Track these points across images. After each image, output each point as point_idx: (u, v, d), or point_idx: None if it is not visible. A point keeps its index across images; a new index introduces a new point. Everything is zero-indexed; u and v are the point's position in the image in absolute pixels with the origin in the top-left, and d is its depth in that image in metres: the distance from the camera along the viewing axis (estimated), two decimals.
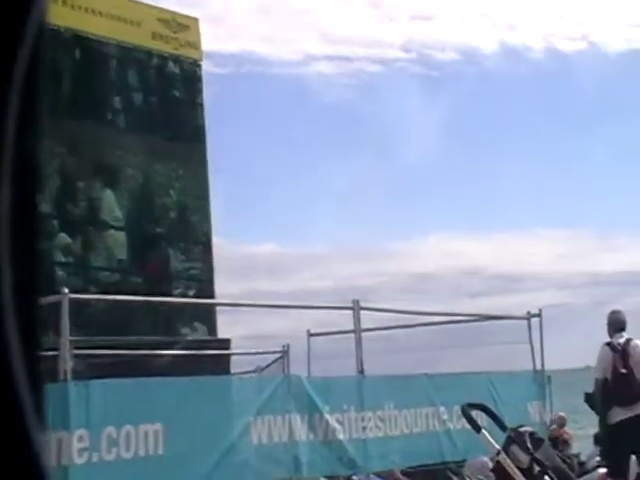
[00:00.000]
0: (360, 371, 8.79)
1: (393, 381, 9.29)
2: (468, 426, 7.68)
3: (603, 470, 10.57)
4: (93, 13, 11.59)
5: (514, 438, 7.42)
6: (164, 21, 12.60)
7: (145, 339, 10.72)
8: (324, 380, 8.85)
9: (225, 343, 12.39)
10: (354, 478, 9.45)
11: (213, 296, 12.78)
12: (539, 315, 10.64)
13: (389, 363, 11.13)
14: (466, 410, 7.62)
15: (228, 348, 12.36)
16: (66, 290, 6.96)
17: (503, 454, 7.25)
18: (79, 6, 11.20)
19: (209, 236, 13.28)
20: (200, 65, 13.31)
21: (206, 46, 13.60)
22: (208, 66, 14.55)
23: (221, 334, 12.69)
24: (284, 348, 11.73)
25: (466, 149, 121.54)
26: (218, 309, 12.88)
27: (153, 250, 12.57)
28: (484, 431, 7.46)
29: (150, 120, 12.56)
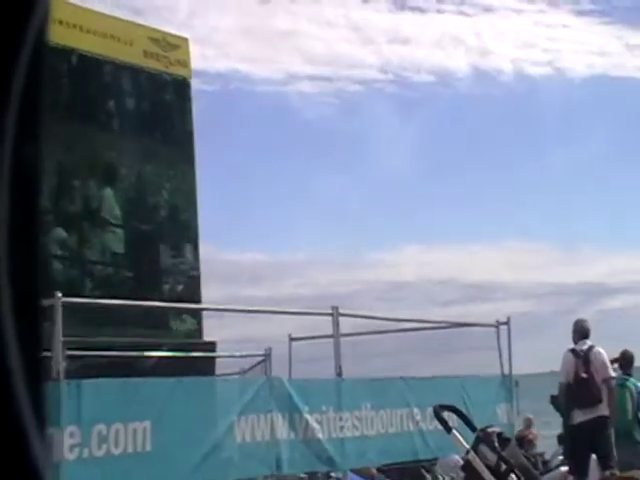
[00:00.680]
0: (338, 374, 8.82)
1: (370, 383, 9.35)
2: (440, 426, 7.91)
3: (565, 468, 10.94)
4: (88, 32, 11.95)
5: (483, 438, 7.62)
6: (155, 40, 12.94)
7: (135, 340, 10.95)
8: (304, 382, 8.89)
9: (210, 346, 12.49)
10: (332, 475, 9.60)
11: (200, 290, 13.02)
12: (507, 323, 10.84)
13: (366, 367, 11.24)
14: (438, 411, 7.84)
15: (213, 351, 12.48)
16: (59, 294, 7.04)
17: (472, 453, 7.46)
18: (74, 24, 11.58)
19: (197, 233, 13.53)
20: (189, 82, 13.61)
21: (195, 65, 13.87)
22: (196, 84, 14.84)
23: (206, 337, 12.80)
24: (266, 351, 11.80)
25: (440, 165, 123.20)
26: (204, 314, 13.18)
27: (144, 246, 12.85)
28: (455, 431, 7.71)
29: (142, 128, 12.92)
